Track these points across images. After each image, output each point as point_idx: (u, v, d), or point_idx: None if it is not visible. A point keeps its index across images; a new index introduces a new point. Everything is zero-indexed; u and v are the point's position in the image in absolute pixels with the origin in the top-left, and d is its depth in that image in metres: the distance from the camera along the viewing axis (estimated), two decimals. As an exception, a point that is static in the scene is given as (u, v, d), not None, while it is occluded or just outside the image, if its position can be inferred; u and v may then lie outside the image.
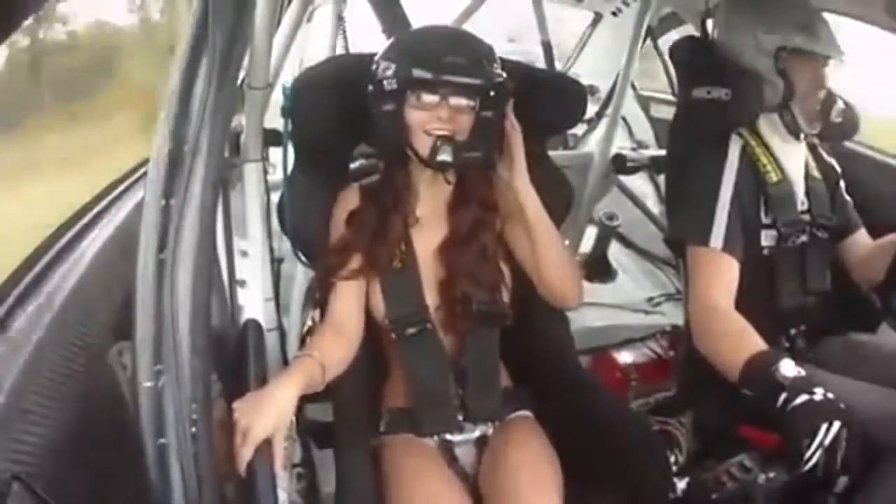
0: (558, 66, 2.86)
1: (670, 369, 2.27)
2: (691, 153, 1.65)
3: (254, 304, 1.52)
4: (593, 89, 2.77)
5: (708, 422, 1.73)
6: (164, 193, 0.88)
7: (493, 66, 1.30)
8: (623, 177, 2.56)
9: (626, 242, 2.94)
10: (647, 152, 2.59)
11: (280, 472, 1.10)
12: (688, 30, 2.30)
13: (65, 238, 1.12)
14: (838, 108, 1.53)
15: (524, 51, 2.74)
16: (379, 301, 1.38)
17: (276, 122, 1.50)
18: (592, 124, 2.78)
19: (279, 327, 1.60)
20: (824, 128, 1.56)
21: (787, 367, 1.26)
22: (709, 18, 1.73)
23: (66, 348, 0.91)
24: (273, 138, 1.56)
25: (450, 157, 1.27)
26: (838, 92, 1.56)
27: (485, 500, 1.27)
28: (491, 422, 1.39)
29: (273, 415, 1.09)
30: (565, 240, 1.80)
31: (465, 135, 1.29)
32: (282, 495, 1.09)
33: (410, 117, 1.28)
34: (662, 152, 2.24)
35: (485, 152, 1.30)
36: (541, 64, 2.65)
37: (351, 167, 1.46)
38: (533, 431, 1.37)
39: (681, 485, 1.36)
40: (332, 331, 1.34)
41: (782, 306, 1.59)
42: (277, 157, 1.56)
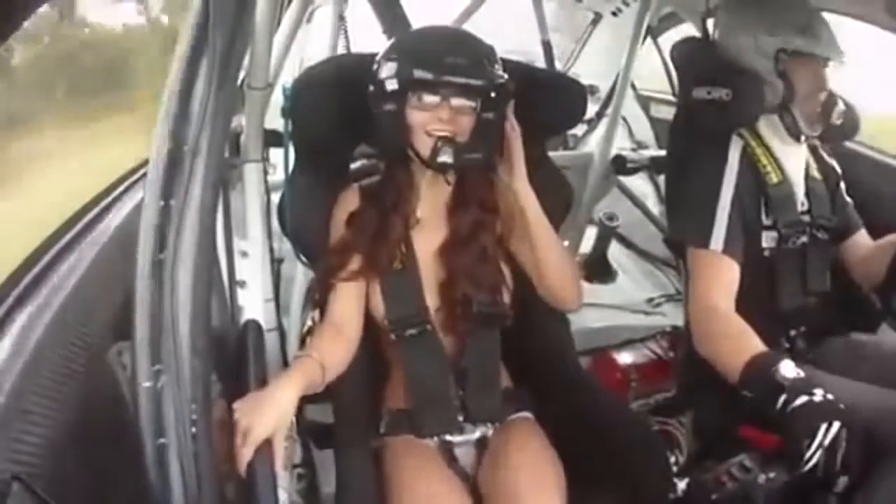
0: (558, 66, 2.87)
1: (670, 370, 2.27)
2: (691, 154, 1.65)
3: (254, 304, 1.52)
4: (593, 89, 2.77)
5: (708, 422, 1.73)
6: (164, 194, 0.88)
7: (495, 67, 1.29)
8: (623, 177, 2.56)
9: (626, 243, 2.94)
10: (647, 153, 2.59)
11: (280, 473, 1.10)
12: (688, 30, 2.30)
13: (65, 238, 1.12)
14: (839, 109, 1.52)
15: (524, 51, 2.74)
16: (379, 302, 1.38)
17: (277, 122, 1.50)
18: (592, 124, 2.77)
19: (279, 328, 1.60)
20: (825, 130, 1.55)
21: (787, 369, 1.26)
22: (709, 18, 1.73)
23: (66, 348, 0.91)
24: (273, 138, 1.56)
25: (450, 159, 1.26)
26: (838, 92, 1.55)
27: (485, 500, 1.27)
28: (491, 423, 1.39)
29: (273, 415, 1.09)
30: (565, 240, 1.80)
31: (465, 136, 1.29)
32: (282, 495, 1.09)
33: (411, 118, 1.28)
34: (662, 153, 2.24)
35: (485, 154, 1.30)
36: (541, 64, 2.65)
37: (351, 167, 1.45)
38: (533, 432, 1.37)
39: (681, 485, 1.35)
40: (332, 331, 1.34)
41: (783, 307, 1.59)
42: (278, 158, 1.56)
